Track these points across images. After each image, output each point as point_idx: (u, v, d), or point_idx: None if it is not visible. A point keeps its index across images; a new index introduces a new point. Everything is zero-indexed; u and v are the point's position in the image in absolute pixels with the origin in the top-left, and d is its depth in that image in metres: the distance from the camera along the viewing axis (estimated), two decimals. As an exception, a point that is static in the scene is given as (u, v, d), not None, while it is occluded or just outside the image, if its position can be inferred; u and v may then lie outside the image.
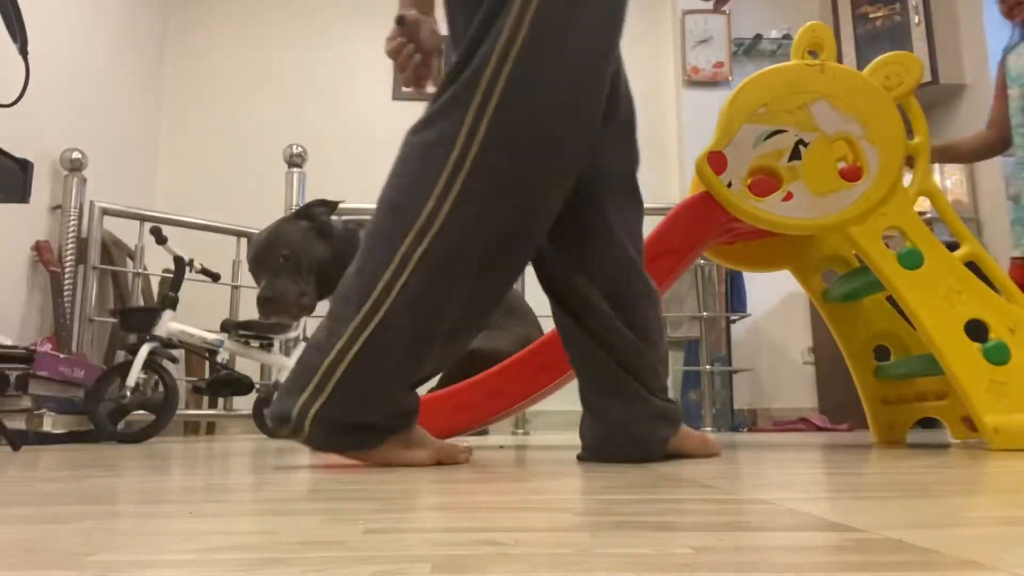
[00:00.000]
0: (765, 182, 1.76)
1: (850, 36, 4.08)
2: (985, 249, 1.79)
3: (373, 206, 1.18)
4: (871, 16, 4.04)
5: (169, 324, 2.60)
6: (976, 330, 1.64)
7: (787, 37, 4.27)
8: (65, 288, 3.03)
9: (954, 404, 1.92)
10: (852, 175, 1.74)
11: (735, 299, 3.80)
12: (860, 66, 3.97)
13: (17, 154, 1.85)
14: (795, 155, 1.72)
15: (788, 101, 1.74)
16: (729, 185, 1.72)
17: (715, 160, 1.73)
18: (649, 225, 1.45)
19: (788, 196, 1.72)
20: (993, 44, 3.68)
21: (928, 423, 2.10)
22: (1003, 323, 1.63)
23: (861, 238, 1.72)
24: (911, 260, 1.70)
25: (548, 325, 2.46)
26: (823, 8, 4.33)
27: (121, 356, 3.04)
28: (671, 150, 4.40)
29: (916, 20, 3.87)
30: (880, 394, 2.12)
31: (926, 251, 1.70)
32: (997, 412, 1.55)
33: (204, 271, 2.85)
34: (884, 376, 2.06)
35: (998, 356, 1.60)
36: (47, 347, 2.79)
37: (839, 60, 4.15)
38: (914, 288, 1.67)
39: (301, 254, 2.01)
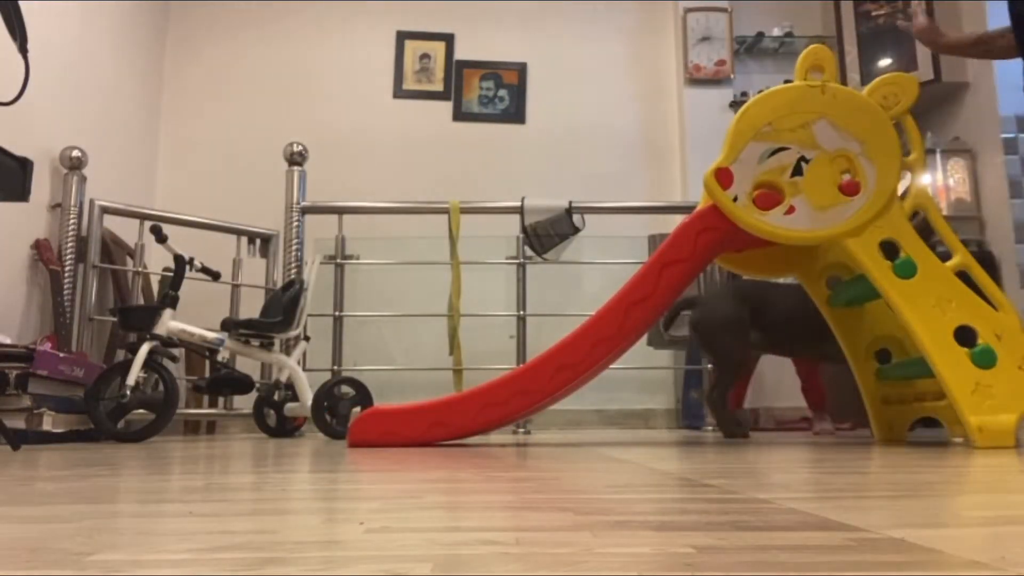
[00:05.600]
0: (769, 196, 1.83)
1: (853, 34, 4.07)
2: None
3: (373, 205, 1.17)
4: (874, 14, 4.02)
5: (169, 323, 2.60)
6: (965, 336, 1.69)
7: (789, 35, 4.26)
8: (65, 287, 3.03)
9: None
10: (851, 189, 1.80)
11: (736, 298, 3.79)
12: (863, 64, 3.96)
13: (17, 152, 1.84)
14: (797, 171, 1.81)
15: (791, 120, 1.81)
16: (735, 199, 1.80)
17: (722, 175, 1.81)
18: (653, 222, 1.45)
19: (791, 209, 1.79)
20: (995, 42, 3.66)
21: (929, 423, 2.14)
22: (990, 329, 1.69)
23: (857, 249, 1.78)
24: (905, 270, 1.75)
25: (567, 325, 2.46)
26: (825, 6, 4.33)
27: (121, 355, 3.03)
28: (673, 148, 4.39)
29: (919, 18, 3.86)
30: (881, 395, 2.15)
31: (919, 262, 1.75)
32: (982, 413, 1.60)
33: (204, 270, 2.85)
34: (885, 378, 2.10)
35: (985, 360, 1.65)
36: (47, 346, 2.79)
37: (842, 57, 4.14)
38: (907, 296, 1.73)
39: None
